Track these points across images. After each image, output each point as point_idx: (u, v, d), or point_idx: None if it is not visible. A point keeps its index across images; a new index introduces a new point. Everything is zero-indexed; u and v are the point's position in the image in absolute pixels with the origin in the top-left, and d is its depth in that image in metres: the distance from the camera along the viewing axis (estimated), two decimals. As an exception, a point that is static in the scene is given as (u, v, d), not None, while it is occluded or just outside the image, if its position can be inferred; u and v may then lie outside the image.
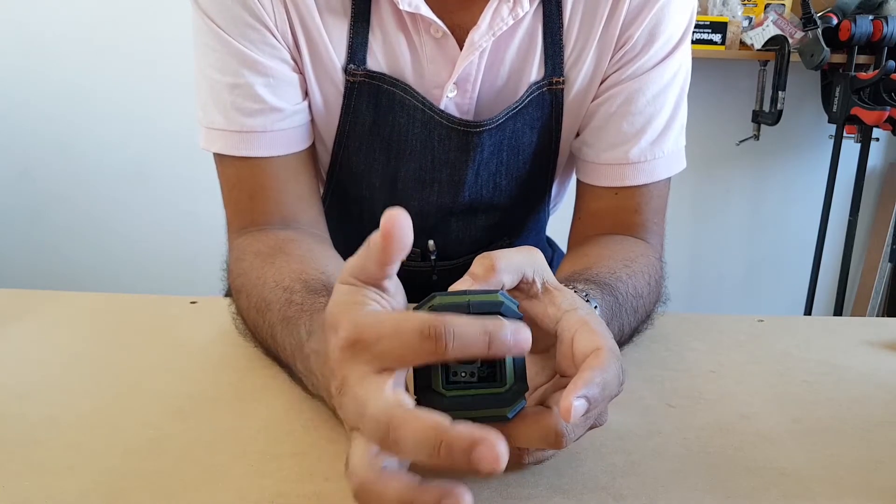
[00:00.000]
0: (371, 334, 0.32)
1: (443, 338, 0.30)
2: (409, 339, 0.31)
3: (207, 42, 0.62)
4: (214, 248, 0.74)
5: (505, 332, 0.31)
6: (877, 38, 1.95)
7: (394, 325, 0.32)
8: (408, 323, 0.31)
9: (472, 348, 0.31)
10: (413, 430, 0.29)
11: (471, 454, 0.28)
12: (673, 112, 0.67)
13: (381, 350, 0.32)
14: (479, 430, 0.28)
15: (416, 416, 0.30)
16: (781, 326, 0.67)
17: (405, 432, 0.29)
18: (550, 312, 0.40)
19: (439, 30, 0.62)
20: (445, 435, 0.29)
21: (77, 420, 0.47)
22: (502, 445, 0.28)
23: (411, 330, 0.31)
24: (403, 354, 0.31)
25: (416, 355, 0.31)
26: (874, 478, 0.42)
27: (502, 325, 0.31)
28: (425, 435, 0.29)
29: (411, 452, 0.29)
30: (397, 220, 0.33)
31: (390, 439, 0.30)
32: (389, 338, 0.31)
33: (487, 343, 0.31)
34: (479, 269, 0.38)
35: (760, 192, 2.41)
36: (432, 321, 0.31)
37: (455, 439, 0.28)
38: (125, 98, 2.22)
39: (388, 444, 0.30)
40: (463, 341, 0.31)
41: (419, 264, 0.79)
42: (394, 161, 0.69)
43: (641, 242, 0.68)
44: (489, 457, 0.28)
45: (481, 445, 0.28)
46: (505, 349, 0.32)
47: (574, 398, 0.34)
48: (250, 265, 0.58)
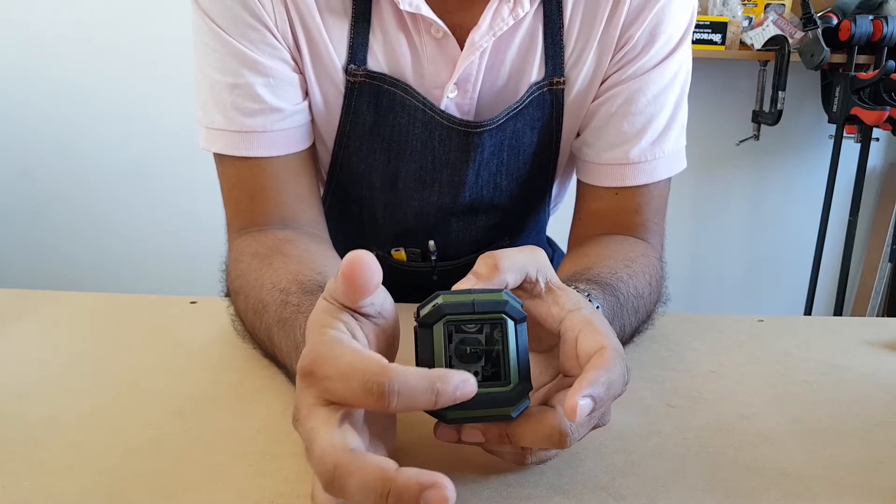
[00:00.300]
0: (322, 370, 0.32)
1: (385, 396, 0.30)
2: (354, 388, 0.31)
3: (207, 42, 0.62)
4: (214, 248, 0.74)
5: (450, 387, 0.31)
6: (877, 38, 1.95)
7: (344, 368, 0.31)
8: (356, 372, 0.31)
9: (418, 405, 0.31)
10: (359, 478, 0.29)
11: (419, 499, 0.28)
12: (673, 112, 0.67)
13: (329, 387, 0.32)
14: (425, 475, 0.28)
15: (360, 464, 0.29)
16: (781, 326, 0.67)
17: (351, 480, 0.29)
18: (554, 312, 0.40)
19: (440, 30, 0.62)
20: (392, 484, 0.28)
21: (77, 420, 0.47)
22: (450, 488, 0.28)
23: (357, 380, 0.31)
24: (348, 399, 0.31)
25: (359, 403, 0.31)
26: (874, 478, 0.42)
27: (449, 380, 0.31)
28: (371, 484, 0.29)
29: (358, 498, 0.29)
30: (359, 263, 0.33)
31: (336, 485, 0.29)
32: (337, 379, 0.31)
33: (434, 401, 0.31)
34: (482, 268, 0.38)
35: (760, 192, 2.41)
36: (378, 377, 0.30)
37: (402, 487, 0.28)
38: (125, 98, 2.22)
39: (333, 490, 0.30)
40: (408, 399, 0.30)
41: (420, 264, 0.79)
42: (394, 161, 0.69)
43: (642, 242, 0.68)
44: (439, 499, 0.28)
45: (430, 489, 0.28)
46: (450, 402, 0.31)
47: (579, 398, 0.34)
48: (248, 266, 0.58)
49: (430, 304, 0.36)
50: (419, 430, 0.43)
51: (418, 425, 0.41)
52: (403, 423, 0.44)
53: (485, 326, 0.36)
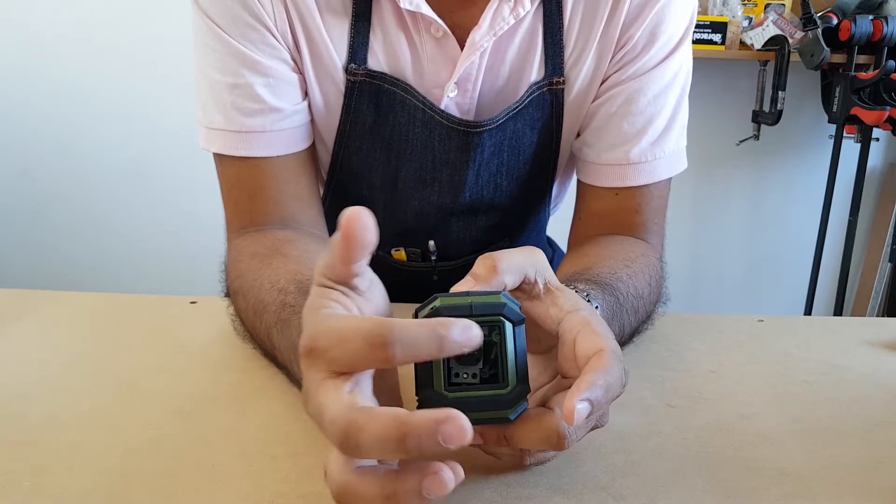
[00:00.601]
0: (323, 342, 0.32)
1: (389, 346, 0.30)
2: (357, 347, 0.30)
3: (207, 42, 0.62)
4: (214, 248, 0.74)
5: (454, 332, 0.31)
6: (877, 38, 1.95)
7: (343, 332, 0.31)
8: (356, 331, 0.31)
9: (423, 354, 0.31)
10: (372, 429, 0.29)
11: (437, 435, 0.28)
12: (673, 112, 0.67)
13: (333, 356, 0.31)
14: (438, 412, 0.28)
15: (373, 415, 0.29)
16: (781, 326, 0.67)
17: (365, 434, 0.29)
18: (552, 313, 0.40)
19: (440, 29, 0.62)
20: (407, 426, 0.28)
21: (77, 420, 0.47)
22: (465, 419, 0.28)
23: (358, 338, 0.30)
24: (353, 361, 0.31)
25: (365, 362, 0.31)
26: (874, 478, 0.42)
27: (451, 324, 0.31)
28: (386, 432, 0.28)
29: (375, 452, 0.29)
30: (357, 218, 0.33)
31: (351, 443, 0.29)
32: (339, 345, 0.31)
33: (439, 346, 0.30)
34: (481, 269, 0.38)
35: (760, 192, 2.41)
36: (379, 329, 0.30)
37: (417, 427, 0.28)
38: (125, 98, 2.22)
39: (349, 449, 0.29)
40: (412, 348, 0.30)
41: (420, 265, 0.79)
42: (394, 161, 0.69)
43: (642, 243, 0.68)
44: (457, 432, 0.28)
45: (445, 423, 0.28)
46: (456, 350, 0.31)
47: (577, 401, 0.34)
48: (247, 266, 0.58)
49: (428, 306, 0.36)
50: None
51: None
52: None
53: (483, 329, 0.36)
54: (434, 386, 0.35)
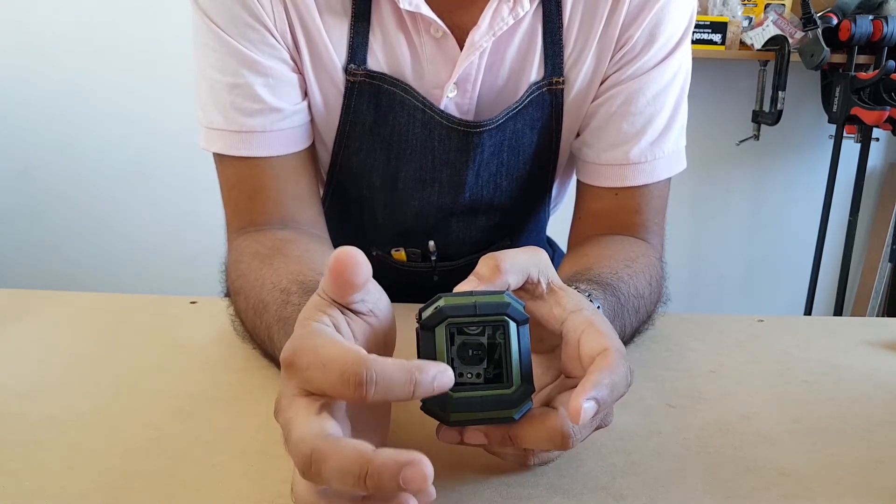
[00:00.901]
0: (302, 361, 0.32)
1: (362, 386, 0.30)
2: (332, 378, 0.31)
3: (207, 42, 0.62)
4: (214, 248, 0.73)
5: (427, 378, 0.31)
6: (877, 38, 1.95)
7: (323, 359, 0.31)
8: (335, 362, 0.31)
9: (395, 396, 0.31)
10: (336, 461, 0.29)
11: (398, 477, 0.28)
12: (673, 112, 0.67)
13: (308, 377, 0.32)
14: (403, 453, 0.28)
15: (337, 448, 0.29)
16: (781, 326, 0.67)
17: (328, 465, 0.29)
18: (556, 313, 0.40)
19: (439, 29, 0.62)
20: (370, 464, 0.28)
21: (77, 420, 0.47)
22: (428, 465, 0.28)
23: (335, 370, 0.31)
24: (326, 389, 0.31)
25: (337, 394, 0.31)
26: (874, 478, 0.42)
27: (426, 369, 0.31)
28: (349, 466, 0.28)
29: (336, 483, 0.29)
30: (346, 259, 0.33)
31: (313, 471, 0.29)
32: (316, 370, 0.31)
33: (412, 392, 0.31)
34: (484, 269, 0.38)
35: (760, 192, 2.41)
36: (356, 367, 0.30)
37: (381, 467, 0.28)
38: (125, 98, 2.22)
39: (311, 476, 0.30)
40: (385, 390, 0.30)
41: (420, 265, 0.79)
42: (394, 161, 0.69)
43: (642, 243, 0.68)
44: (417, 477, 0.28)
45: (409, 467, 0.28)
46: (427, 394, 0.31)
47: (583, 400, 0.34)
48: (248, 266, 0.58)
49: (431, 306, 0.36)
50: (420, 432, 0.43)
51: (420, 427, 0.41)
52: (405, 425, 0.44)
53: (487, 328, 0.36)
54: None
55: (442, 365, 0.32)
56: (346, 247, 0.33)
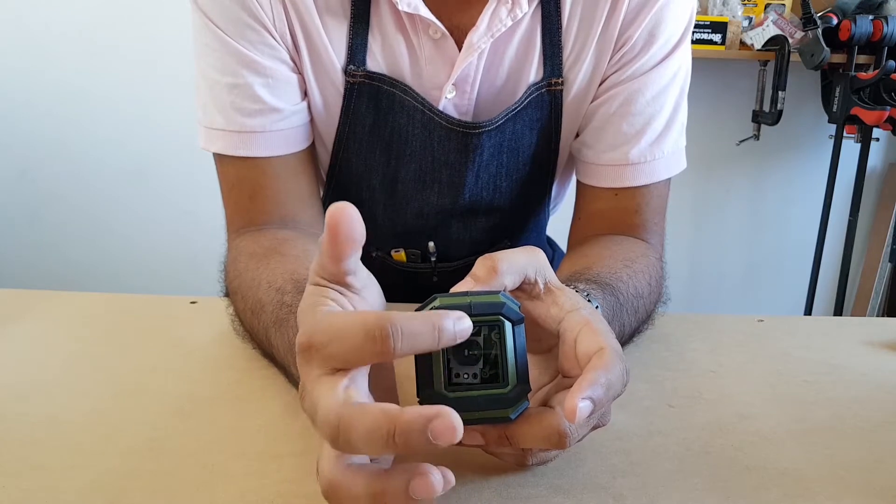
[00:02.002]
0: (320, 338, 0.32)
1: (389, 338, 0.30)
2: (356, 341, 0.31)
3: (207, 42, 0.62)
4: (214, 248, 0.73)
5: (448, 323, 0.31)
6: (877, 38, 1.95)
7: (341, 327, 0.31)
8: (355, 324, 0.31)
9: (421, 346, 0.31)
10: (363, 425, 0.29)
11: (427, 432, 0.28)
12: (673, 112, 0.67)
13: (330, 352, 0.32)
14: (428, 408, 0.28)
15: (364, 410, 0.29)
16: (781, 326, 0.67)
17: (355, 429, 0.29)
18: (553, 313, 0.40)
19: (438, 31, 0.62)
20: (397, 421, 0.28)
21: (77, 420, 0.47)
22: (456, 416, 0.28)
23: (358, 331, 0.31)
24: (351, 355, 0.31)
25: (363, 356, 0.31)
26: (874, 478, 0.42)
27: (445, 315, 0.32)
28: (376, 427, 0.28)
29: (366, 448, 0.29)
30: (342, 213, 0.33)
31: (341, 439, 0.29)
32: (337, 340, 0.31)
33: (437, 338, 0.31)
34: (481, 270, 0.38)
35: (760, 192, 2.41)
36: (379, 321, 0.30)
37: (408, 423, 0.28)
38: (125, 98, 2.22)
39: (340, 444, 0.30)
40: (410, 339, 0.30)
41: (420, 265, 0.79)
42: (394, 162, 0.69)
43: (642, 243, 0.68)
44: (447, 428, 0.28)
45: (435, 420, 0.28)
46: (451, 340, 0.32)
47: (579, 399, 0.34)
48: (245, 266, 0.58)
49: (427, 306, 0.36)
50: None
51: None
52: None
53: (482, 328, 0.36)
54: (434, 386, 0.35)
55: (459, 312, 0.32)
56: (338, 203, 0.33)
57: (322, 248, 0.34)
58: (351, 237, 0.33)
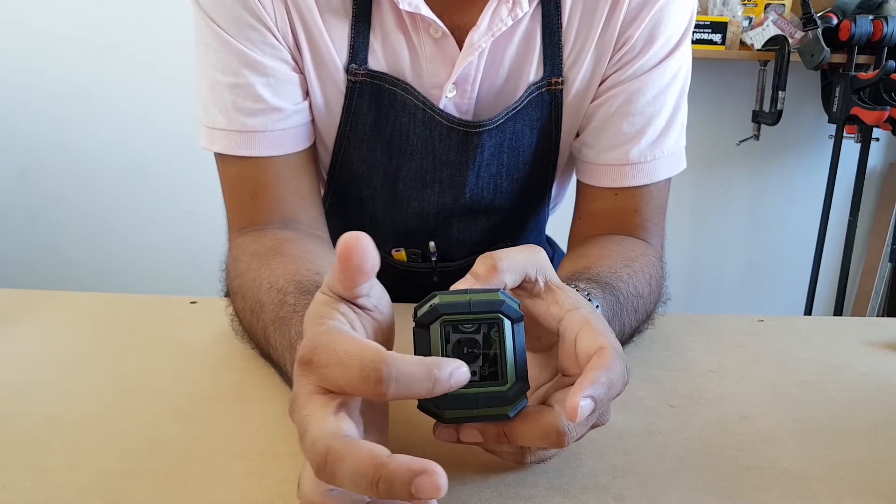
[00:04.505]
0: (320, 358, 0.32)
1: (382, 382, 0.30)
2: (352, 375, 0.31)
3: (208, 42, 0.62)
4: (214, 248, 0.74)
5: (445, 374, 0.31)
6: (877, 38, 1.95)
7: (342, 356, 0.31)
8: (354, 359, 0.31)
9: (415, 392, 0.31)
10: (350, 463, 0.29)
11: (411, 486, 0.28)
12: (673, 112, 0.67)
13: (327, 374, 0.32)
14: (417, 461, 0.28)
15: (353, 450, 0.29)
16: (781, 326, 0.67)
17: (342, 466, 0.29)
18: (553, 311, 0.40)
19: (439, 30, 0.62)
20: (384, 470, 0.28)
21: (77, 420, 0.47)
22: (442, 475, 0.28)
23: (354, 366, 0.31)
24: (345, 386, 0.31)
25: (356, 391, 0.31)
26: (875, 478, 0.42)
27: (444, 365, 0.31)
28: (363, 469, 0.28)
29: (349, 485, 0.29)
30: (356, 244, 0.33)
31: (327, 471, 0.29)
32: (334, 367, 0.31)
33: (431, 389, 0.31)
34: (481, 268, 0.38)
35: (760, 192, 2.41)
36: (376, 363, 0.30)
37: (394, 474, 0.28)
38: (125, 98, 2.22)
39: (324, 476, 0.30)
40: (405, 386, 0.30)
41: (420, 265, 0.79)
42: (395, 161, 0.69)
43: (641, 242, 0.68)
44: (430, 486, 0.28)
45: (422, 476, 0.28)
46: (446, 390, 0.31)
47: (580, 398, 0.34)
48: (247, 266, 0.58)
49: (426, 304, 0.36)
50: (419, 431, 0.43)
51: (418, 426, 0.41)
52: (403, 424, 0.44)
53: (482, 326, 0.36)
54: None
55: (458, 361, 0.32)
56: (353, 232, 0.33)
57: (333, 271, 0.34)
58: (362, 269, 0.33)
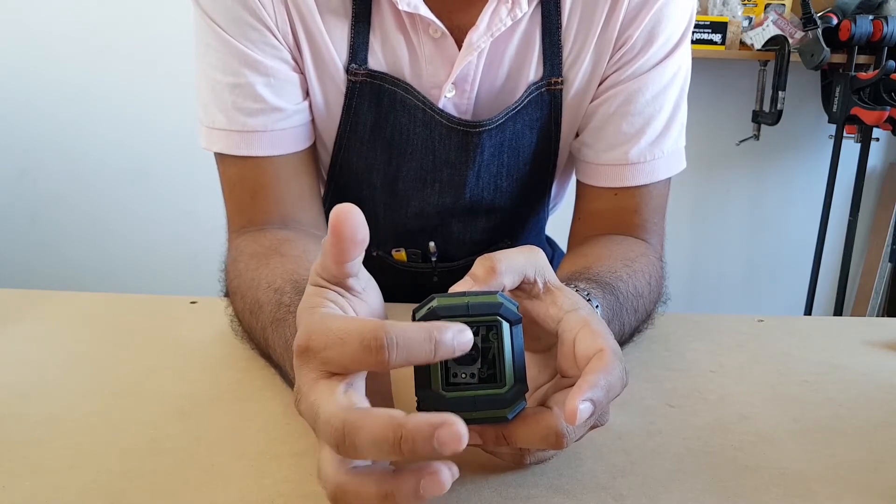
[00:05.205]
0: (318, 341, 0.32)
1: (384, 349, 0.30)
2: (352, 349, 0.31)
3: (208, 42, 0.62)
4: (214, 248, 0.73)
5: (447, 336, 0.31)
6: (877, 38, 1.95)
7: (338, 333, 0.31)
8: (352, 332, 0.31)
9: (417, 357, 0.31)
10: (369, 431, 0.29)
11: (432, 440, 0.28)
12: (672, 112, 0.67)
13: (327, 356, 0.32)
14: (435, 415, 0.28)
15: (369, 416, 0.29)
16: (781, 326, 0.67)
17: (361, 435, 0.29)
18: (552, 312, 0.40)
19: (438, 30, 0.62)
20: (403, 429, 0.28)
21: (77, 420, 0.47)
22: (462, 425, 0.28)
23: (354, 339, 0.31)
24: (347, 362, 0.31)
25: (359, 364, 0.31)
26: (874, 478, 0.42)
27: (445, 328, 0.31)
28: (383, 433, 0.28)
29: (371, 453, 0.29)
30: (347, 215, 0.33)
31: (347, 444, 0.29)
32: (334, 346, 0.31)
33: (433, 350, 0.31)
34: (479, 270, 0.38)
35: (760, 192, 2.41)
36: (375, 331, 0.30)
37: (414, 430, 0.28)
38: (125, 98, 2.22)
39: (345, 450, 0.30)
40: (406, 351, 0.30)
41: (420, 266, 0.79)
42: (395, 161, 0.69)
43: (641, 242, 0.68)
44: (452, 436, 0.28)
45: (441, 428, 0.28)
46: (449, 353, 0.31)
47: (579, 401, 0.34)
48: (246, 266, 0.58)
49: (425, 306, 0.36)
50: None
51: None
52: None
53: (480, 328, 0.36)
54: (432, 386, 0.35)
55: (460, 325, 0.32)
56: (344, 204, 0.33)
57: (324, 249, 0.34)
58: (354, 239, 0.33)
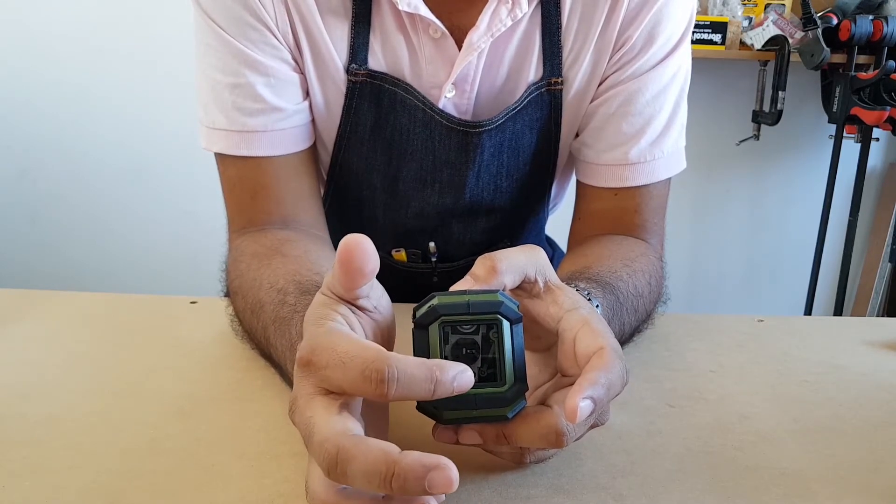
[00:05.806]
0: (321, 359, 0.32)
1: (384, 383, 0.30)
2: (353, 375, 0.31)
3: (209, 42, 0.62)
4: (214, 248, 0.74)
5: (448, 377, 0.31)
6: (877, 38, 1.95)
7: (342, 356, 0.31)
8: (356, 358, 0.31)
9: (416, 394, 0.31)
10: (362, 462, 0.29)
11: (424, 481, 0.28)
12: (672, 112, 0.67)
13: (327, 375, 0.32)
14: (429, 457, 0.28)
15: (364, 447, 0.29)
16: (781, 326, 0.67)
17: (353, 465, 0.29)
18: (552, 311, 0.40)
19: (438, 30, 0.62)
20: (397, 465, 0.28)
21: (77, 420, 0.47)
22: (454, 470, 0.28)
23: (356, 366, 0.31)
24: (346, 387, 0.31)
25: (357, 391, 0.31)
26: (874, 478, 0.42)
27: (447, 368, 0.31)
28: (375, 467, 0.28)
29: (361, 484, 0.29)
30: (356, 247, 0.33)
31: (338, 471, 0.29)
32: (336, 368, 0.31)
33: (432, 390, 0.31)
34: (480, 269, 0.38)
35: (760, 192, 2.41)
36: (377, 364, 0.30)
37: (407, 470, 0.28)
38: (125, 98, 2.22)
39: (336, 476, 0.30)
40: (407, 388, 0.30)
41: (420, 266, 0.79)
42: (395, 161, 0.69)
43: (641, 242, 0.68)
44: (444, 481, 0.28)
45: (435, 471, 0.28)
46: (448, 393, 0.31)
47: (580, 399, 0.34)
48: (247, 266, 0.58)
49: (425, 305, 0.36)
50: (418, 432, 0.43)
51: (417, 427, 0.41)
52: (402, 425, 0.44)
53: (480, 327, 0.36)
54: None
55: (462, 365, 0.32)
56: (354, 234, 0.33)
57: (333, 272, 0.34)
58: (362, 271, 0.34)
